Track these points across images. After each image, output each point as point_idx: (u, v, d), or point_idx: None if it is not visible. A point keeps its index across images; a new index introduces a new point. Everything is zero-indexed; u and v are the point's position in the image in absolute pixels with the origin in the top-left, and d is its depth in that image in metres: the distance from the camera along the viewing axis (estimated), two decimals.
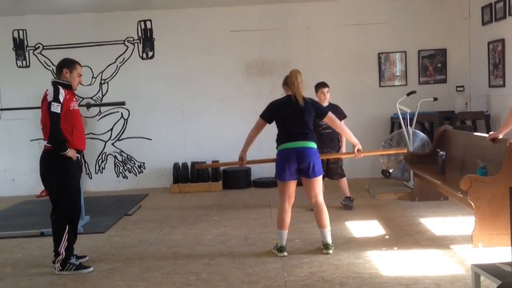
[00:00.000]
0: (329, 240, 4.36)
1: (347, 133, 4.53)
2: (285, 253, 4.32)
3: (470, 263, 3.12)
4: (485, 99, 7.50)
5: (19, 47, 8.13)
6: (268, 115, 4.43)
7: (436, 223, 5.18)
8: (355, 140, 4.51)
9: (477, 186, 4.31)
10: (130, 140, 8.26)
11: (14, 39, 8.11)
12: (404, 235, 4.81)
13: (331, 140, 5.88)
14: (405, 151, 5.61)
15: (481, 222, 4.30)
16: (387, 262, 4.07)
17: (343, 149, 5.97)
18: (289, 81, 4.35)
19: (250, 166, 7.93)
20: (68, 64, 4.27)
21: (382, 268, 3.92)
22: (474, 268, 2.94)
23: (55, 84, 4.18)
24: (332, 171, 5.99)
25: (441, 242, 4.52)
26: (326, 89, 5.88)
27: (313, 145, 4.32)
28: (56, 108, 4.05)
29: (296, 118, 4.28)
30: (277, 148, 4.39)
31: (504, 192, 4.08)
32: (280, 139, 4.37)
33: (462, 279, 3.61)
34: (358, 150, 4.54)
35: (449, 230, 4.90)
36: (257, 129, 4.48)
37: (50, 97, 4.08)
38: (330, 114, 4.45)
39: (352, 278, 3.74)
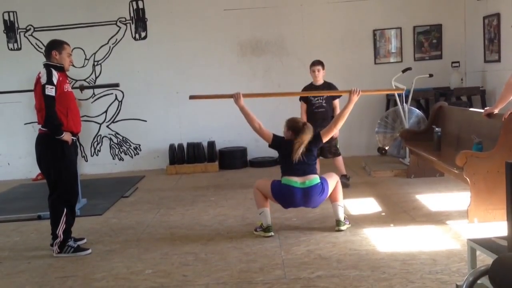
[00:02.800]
0: (340, 216, 4.36)
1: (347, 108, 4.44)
2: (272, 233, 4.31)
3: (466, 238, 3.15)
4: (481, 75, 7.48)
5: (10, 29, 8.02)
6: (276, 142, 4.39)
7: (432, 199, 5.21)
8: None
9: (473, 161, 4.32)
10: (125, 122, 8.22)
11: (4, 21, 7.99)
12: (400, 212, 4.84)
13: (324, 119, 5.84)
14: (403, 90, 5.54)
15: (477, 198, 4.32)
16: (384, 238, 4.09)
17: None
18: (300, 138, 4.23)
19: (246, 145, 7.97)
20: (55, 45, 4.19)
21: (378, 245, 3.95)
22: (470, 243, 2.96)
23: (47, 67, 4.12)
24: (326, 150, 5.97)
25: (437, 218, 4.55)
26: (316, 68, 5.83)
27: (318, 179, 4.25)
28: (50, 91, 4.00)
29: (300, 159, 4.22)
30: (281, 177, 4.34)
31: (499, 167, 4.09)
32: (284, 172, 4.33)
33: (458, 254, 3.64)
34: (354, 91, 4.39)
35: (445, 206, 4.93)
36: (255, 124, 4.43)
37: (43, 80, 4.02)
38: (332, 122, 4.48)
39: (349, 255, 3.77)
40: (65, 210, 4.18)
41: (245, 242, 4.22)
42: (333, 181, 4.35)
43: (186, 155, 7.92)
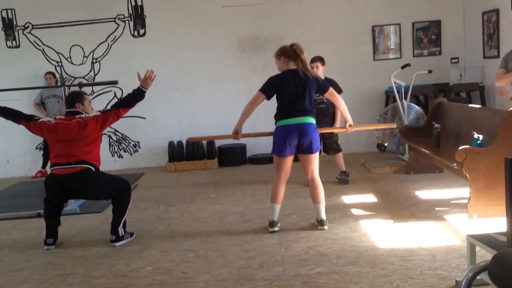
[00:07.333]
0: (323, 216, 4.38)
1: (344, 108, 4.50)
2: (276, 228, 4.32)
3: (465, 234, 3.15)
4: (480, 71, 7.48)
5: (8, 27, 8.00)
6: (269, 90, 4.31)
7: (431, 195, 5.22)
8: (349, 116, 4.52)
9: (472, 157, 4.32)
10: (124, 119, 8.10)
11: (2, 18, 7.97)
12: (399, 208, 4.84)
13: (325, 116, 5.85)
14: (395, 126, 5.60)
15: (476, 194, 4.33)
16: (383, 235, 4.10)
17: (337, 125, 5.95)
18: (301, 56, 4.23)
19: (245, 142, 7.96)
20: (79, 97, 4.53)
21: (378, 241, 3.95)
22: (469, 239, 2.96)
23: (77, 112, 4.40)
24: (327, 146, 5.99)
25: (436, 214, 4.56)
26: (315, 64, 5.79)
27: (313, 120, 4.29)
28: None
29: (298, 94, 4.20)
30: (276, 123, 4.33)
31: (499, 163, 4.10)
32: (280, 115, 4.29)
33: (457, 249, 3.64)
34: (350, 125, 4.54)
35: (444, 202, 4.94)
36: (254, 104, 4.35)
37: (95, 112, 4.41)
38: (331, 89, 4.40)
39: (348, 252, 3.77)
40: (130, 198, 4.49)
41: (244, 239, 4.22)
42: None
43: (185, 152, 7.92)
